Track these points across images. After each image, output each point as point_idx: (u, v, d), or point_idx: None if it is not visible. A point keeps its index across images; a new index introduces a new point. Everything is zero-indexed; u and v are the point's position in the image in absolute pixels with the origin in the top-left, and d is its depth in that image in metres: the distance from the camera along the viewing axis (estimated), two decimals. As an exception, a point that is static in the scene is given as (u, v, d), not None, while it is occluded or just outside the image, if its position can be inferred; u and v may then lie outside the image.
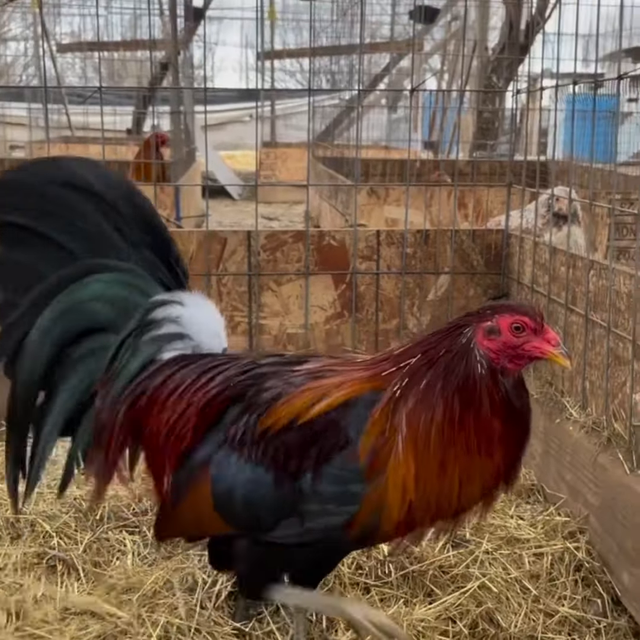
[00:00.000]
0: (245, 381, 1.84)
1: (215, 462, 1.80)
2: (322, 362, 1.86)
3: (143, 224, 1.98)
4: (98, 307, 1.92)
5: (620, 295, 2.67)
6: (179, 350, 1.93)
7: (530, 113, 6.88)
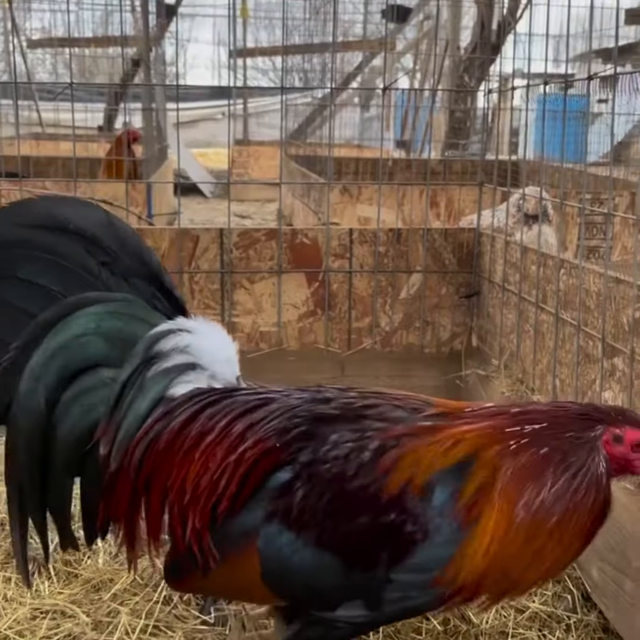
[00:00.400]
0: (297, 439, 1.57)
1: (265, 537, 1.55)
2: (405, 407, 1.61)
3: (130, 254, 1.84)
4: (89, 342, 1.74)
5: (590, 294, 2.69)
6: (191, 383, 1.71)
7: (502, 113, 6.93)
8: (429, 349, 3.64)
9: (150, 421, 1.67)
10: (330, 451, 1.54)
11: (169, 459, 1.64)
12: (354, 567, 1.51)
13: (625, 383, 2.43)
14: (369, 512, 1.49)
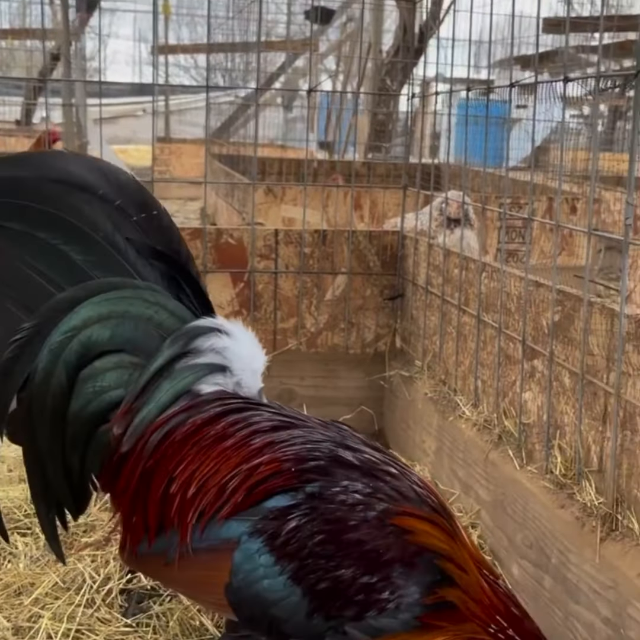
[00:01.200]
0: (311, 471, 1.54)
1: (244, 550, 1.52)
2: None
3: (160, 236, 1.76)
4: (115, 325, 1.68)
5: (510, 297, 2.76)
6: (218, 385, 1.70)
7: (424, 116, 7.02)
8: (354, 350, 3.67)
9: (172, 411, 1.65)
10: (338, 494, 1.51)
11: (183, 451, 1.62)
12: (318, 612, 1.47)
13: (545, 384, 2.50)
14: (356, 567, 1.46)
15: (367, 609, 1.45)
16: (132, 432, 1.66)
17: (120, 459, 1.67)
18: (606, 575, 2.02)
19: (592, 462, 2.27)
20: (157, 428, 1.65)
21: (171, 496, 1.61)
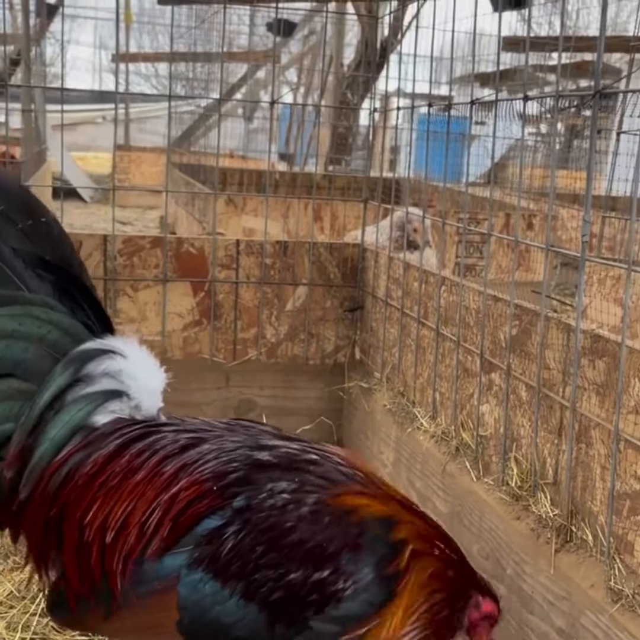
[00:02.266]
0: (233, 484, 1.49)
1: (187, 584, 1.45)
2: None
3: (49, 245, 1.62)
4: (3, 345, 1.54)
5: (469, 311, 2.79)
6: (115, 412, 1.58)
7: (383, 130, 7.08)
8: (313, 360, 3.69)
9: (68, 450, 1.54)
10: (266, 500, 1.48)
11: (89, 494, 1.52)
12: (279, 622, 1.45)
13: (502, 397, 2.53)
14: (303, 568, 1.44)
15: (326, 603, 1.44)
16: (29, 477, 1.53)
17: (19, 507, 1.55)
18: (560, 586, 2.06)
19: (548, 474, 2.31)
20: (55, 470, 1.53)
21: (87, 545, 1.51)
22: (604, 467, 2.05)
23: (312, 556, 1.44)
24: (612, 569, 1.94)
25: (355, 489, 1.53)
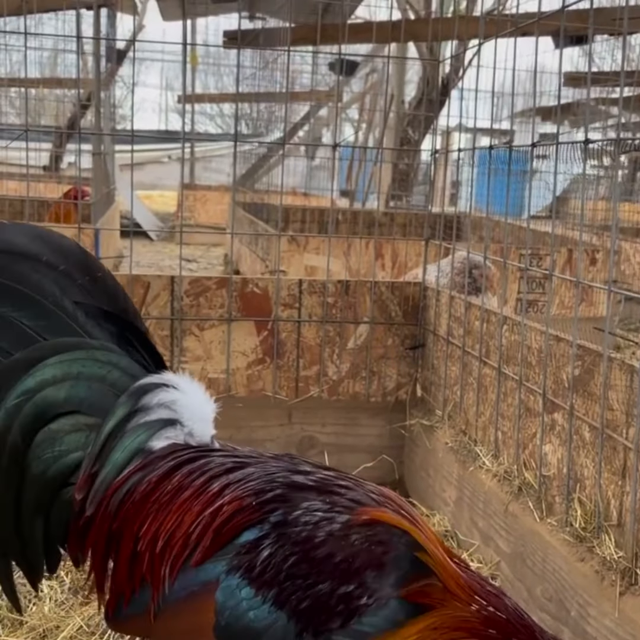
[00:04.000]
0: (271, 501, 1.59)
1: (224, 589, 1.55)
2: None
3: (106, 297, 1.81)
4: (69, 386, 1.72)
5: (531, 351, 2.80)
6: (170, 438, 1.74)
7: (443, 168, 7.11)
8: (375, 398, 3.71)
9: (127, 471, 1.69)
10: (301, 516, 1.56)
11: (144, 510, 1.66)
12: (306, 630, 1.51)
13: (565, 437, 2.53)
14: (331, 580, 1.50)
15: (351, 616, 1.48)
16: (94, 496, 1.68)
17: (85, 524, 1.70)
18: (625, 630, 2.04)
19: (612, 515, 2.29)
20: (116, 490, 1.68)
21: (140, 555, 1.64)
22: (669, 509, 2.04)
23: (339, 570, 1.50)
24: (678, 613, 1.92)
25: (385, 511, 1.57)
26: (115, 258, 7.69)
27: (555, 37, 7.75)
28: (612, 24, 7.19)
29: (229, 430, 3.50)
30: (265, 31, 8.96)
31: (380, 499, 1.62)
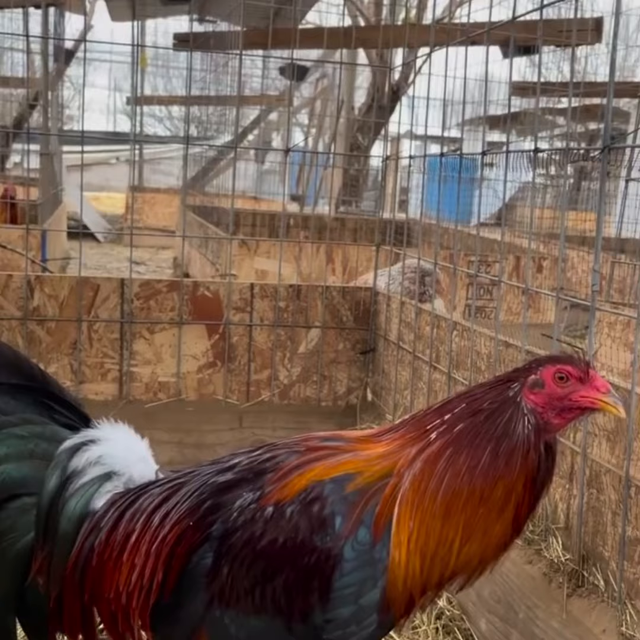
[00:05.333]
0: (206, 515, 1.59)
1: (210, 623, 1.57)
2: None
3: (7, 370, 1.77)
4: (5, 471, 1.68)
5: (481, 356, 2.83)
6: (111, 491, 1.70)
7: (394, 175, 7.17)
8: (326, 402, 3.72)
9: (79, 541, 1.65)
10: (237, 518, 1.56)
11: (104, 570, 1.63)
12: (293, 619, 1.51)
13: (514, 441, 2.56)
14: (286, 562, 1.51)
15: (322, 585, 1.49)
16: (54, 576, 1.66)
17: (55, 605, 1.68)
18: (572, 631, 2.07)
19: (560, 519, 2.33)
20: (74, 564, 1.65)
21: (114, 614, 1.63)
22: (615, 512, 2.08)
23: (289, 549, 1.51)
24: (623, 614, 1.96)
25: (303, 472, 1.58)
26: (63, 259, 7.59)
27: (504, 46, 7.87)
28: (558, 36, 7.32)
29: (178, 434, 3.48)
30: (215, 34, 8.94)
31: (300, 448, 1.63)
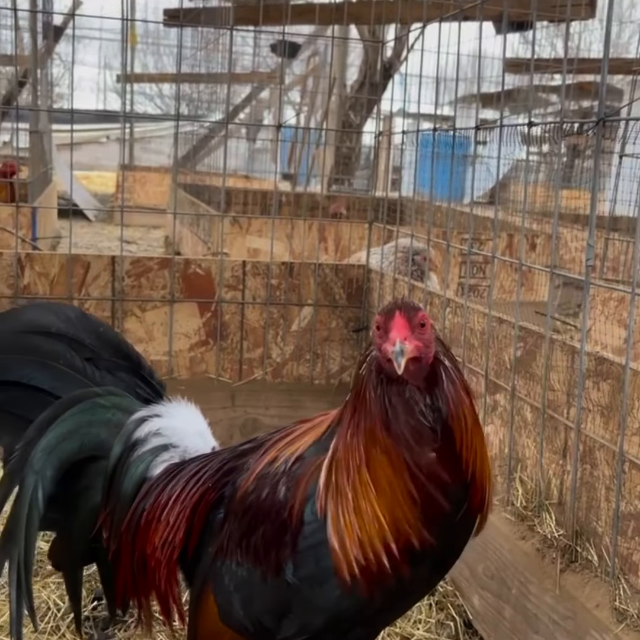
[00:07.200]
0: (222, 476, 1.81)
1: (213, 574, 1.76)
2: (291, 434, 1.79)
3: (109, 348, 2.06)
4: (82, 435, 1.92)
5: (474, 333, 2.82)
6: (166, 461, 1.93)
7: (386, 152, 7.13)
8: (319, 380, 3.71)
9: (135, 503, 1.88)
10: (241, 478, 1.74)
11: (149, 529, 1.85)
12: (269, 571, 1.64)
13: (507, 418, 2.56)
14: (265, 516, 1.65)
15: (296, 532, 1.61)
16: (114, 533, 1.89)
17: (113, 558, 1.90)
18: (565, 606, 2.08)
19: (553, 494, 2.33)
20: (129, 522, 1.87)
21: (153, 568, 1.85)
22: (609, 487, 2.08)
23: (268, 504, 1.66)
24: (617, 589, 1.96)
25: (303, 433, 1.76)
26: (53, 238, 7.54)
27: (496, 22, 7.82)
28: (552, 11, 7.27)
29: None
30: (206, 10, 8.84)
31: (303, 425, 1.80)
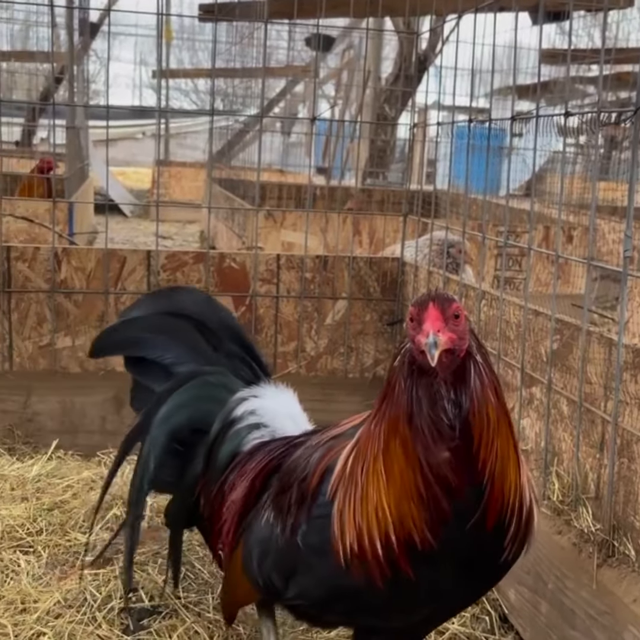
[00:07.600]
0: (285, 451, 2.02)
1: (248, 527, 1.98)
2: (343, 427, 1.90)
3: (229, 330, 2.37)
4: (191, 407, 2.19)
5: (510, 325, 2.80)
6: (257, 439, 2.15)
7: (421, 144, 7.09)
8: (353, 374, 3.71)
9: (225, 473, 2.13)
10: (289, 452, 2.00)
11: (226, 495, 2.11)
12: (285, 529, 1.81)
13: (542, 411, 2.53)
14: (295, 480, 1.85)
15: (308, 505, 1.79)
16: (207, 499, 2.16)
17: (208, 519, 2.17)
18: (602, 601, 2.05)
19: (590, 489, 2.30)
20: (219, 490, 2.13)
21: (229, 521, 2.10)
22: (647, 482, 2.05)
23: (299, 471, 1.85)
24: (655, 584, 1.94)
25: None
26: (89, 234, 7.61)
27: (533, 13, 7.74)
28: (589, 0, 7.18)
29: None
30: (241, 4, 8.86)
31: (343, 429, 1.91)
